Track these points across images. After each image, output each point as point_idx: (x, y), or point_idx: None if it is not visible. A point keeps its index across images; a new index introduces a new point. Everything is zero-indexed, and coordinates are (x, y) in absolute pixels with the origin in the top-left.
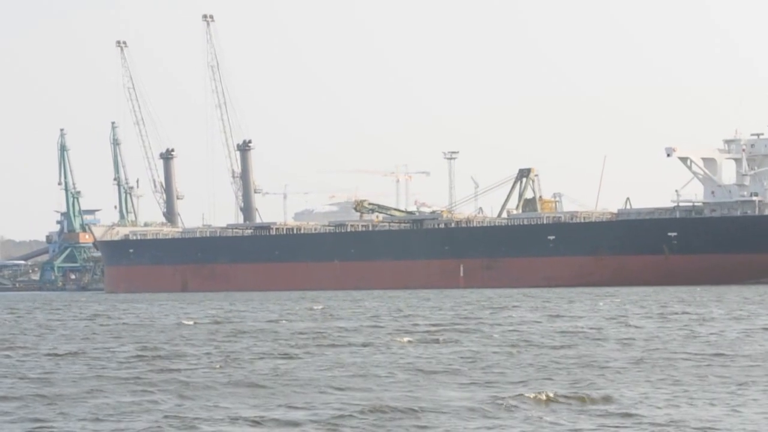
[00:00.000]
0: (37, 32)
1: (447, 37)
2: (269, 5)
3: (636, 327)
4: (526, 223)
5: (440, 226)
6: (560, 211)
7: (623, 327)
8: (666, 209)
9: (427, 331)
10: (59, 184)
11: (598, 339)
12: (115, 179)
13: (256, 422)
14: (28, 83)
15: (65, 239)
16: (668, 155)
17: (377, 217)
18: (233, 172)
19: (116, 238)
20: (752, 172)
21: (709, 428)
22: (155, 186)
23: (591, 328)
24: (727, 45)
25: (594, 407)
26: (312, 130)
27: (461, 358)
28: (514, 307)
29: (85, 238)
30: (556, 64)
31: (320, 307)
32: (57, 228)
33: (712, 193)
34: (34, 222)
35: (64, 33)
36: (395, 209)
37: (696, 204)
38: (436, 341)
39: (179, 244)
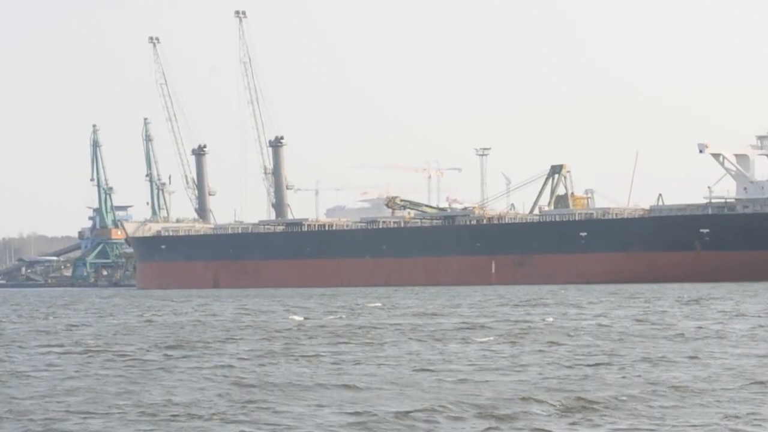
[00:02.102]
0: (69, 28)
1: (478, 32)
2: (302, 1)
3: None
4: (558, 219)
5: (472, 222)
6: (592, 207)
7: None
8: (698, 205)
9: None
10: (91, 180)
11: None
12: (147, 175)
13: None
14: (60, 79)
15: (97, 235)
16: (701, 151)
17: (409, 213)
18: (265, 168)
19: (148, 234)
20: None
21: None
22: (187, 182)
23: None
24: (761, 40)
25: None
26: (344, 126)
27: None
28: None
29: (117, 234)
30: (588, 59)
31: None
32: (89, 224)
33: (745, 189)
34: (66, 218)
35: (97, 29)
36: (427, 206)
37: (728, 200)
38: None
39: (211, 241)
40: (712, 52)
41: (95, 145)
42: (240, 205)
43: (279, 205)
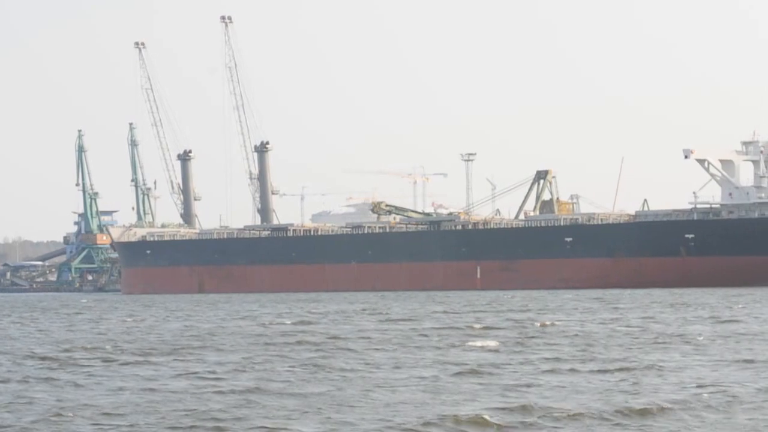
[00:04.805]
0: (55, 33)
1: (465, 38)
2: (287, 6)
3: None
4: (543, 224)
5: (457, 227)
6: (577, 212)
7: None
8: (683, 211)
9: None
10: (77, 185)
11: None
12: (132, 180)
13: None
14: (46, 84)
15: (82, 240)
16: (686, 157)
17: (394, 218)
18: (251, 173)
19: (133, 239)
20: None
21: None
22: (173, 187)
23: None
24: (746, 45)
25: None
26: (329, 131)
27: None
28: None
29: (103, 239)
30: (574, 65)
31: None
32: (74, 229)
33: (730, 195)
34: (51, 223)
35: (83, 34)
36: (412, 211)
37: (713, 206)
38: None
39: (196, 246)
40: (696, 58)
41: (80, 149)
42: (225, 210)
43: (264, 210)
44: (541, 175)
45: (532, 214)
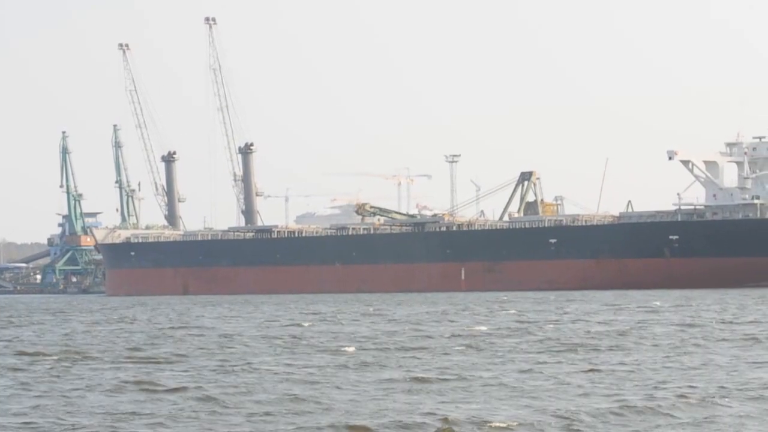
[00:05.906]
0: (39, 34)
1: (449, 40)
2: (271, 8)
3: None
4: (527, 226)
5: (442, 229)
6: (562, 214)
7: None
8: (667, 212)
9: None
10: (61, 186)
11: None
12: (116, 182)
13: None
14: (30, 85)
15: (67, 242)
16: (670, 158)
17: (379, 220)
18: (235, 174)
19: (118, 240)
20: (754, 176)
21: None
22: (157, 189)
23: None
24: (729, 46)
25: None
26: (314, 133)
27: None
28: None
29: (87, 241)
30: (558, 67)
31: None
32: (59, 231)
33: (714, 196)
34: (35, 225)
35: (67, 35)
36: (397, 212)
37: (697, 207)
38: None
39: (180, 247)
40: (680, 59)
41: (65, 151)
42: (209, 211)
43: (249, 212)
44: (526, 177)
45: (516, 215)
